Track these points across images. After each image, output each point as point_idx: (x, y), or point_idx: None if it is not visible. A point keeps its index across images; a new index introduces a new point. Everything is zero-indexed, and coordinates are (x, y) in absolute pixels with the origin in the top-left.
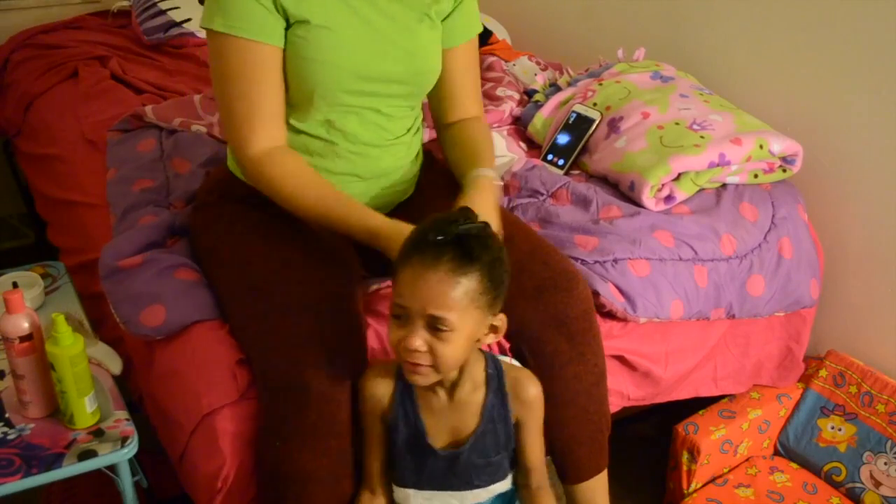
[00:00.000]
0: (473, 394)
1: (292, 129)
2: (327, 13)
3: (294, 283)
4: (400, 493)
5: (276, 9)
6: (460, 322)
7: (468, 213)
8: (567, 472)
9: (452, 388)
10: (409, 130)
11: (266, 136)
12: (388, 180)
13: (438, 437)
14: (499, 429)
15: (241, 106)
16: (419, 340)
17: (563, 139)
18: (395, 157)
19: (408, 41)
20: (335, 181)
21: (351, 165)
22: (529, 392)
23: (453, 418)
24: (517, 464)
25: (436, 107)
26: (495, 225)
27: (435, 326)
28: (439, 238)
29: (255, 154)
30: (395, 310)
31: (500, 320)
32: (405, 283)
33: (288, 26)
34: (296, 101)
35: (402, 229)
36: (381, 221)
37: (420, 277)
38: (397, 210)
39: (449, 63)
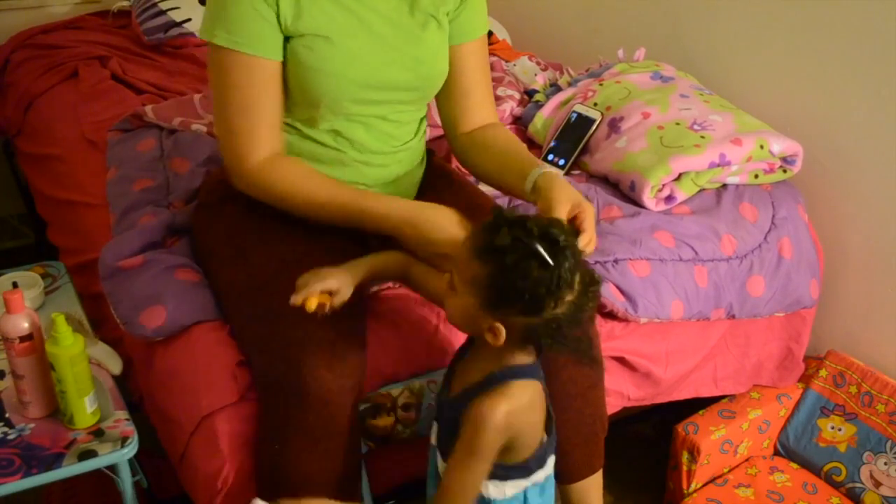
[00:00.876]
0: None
1: (300, 134)
2: (331, 24)
3: (294, 285)
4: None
5: (278, 22)
6: (459, 289)
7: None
8: (561, 472)
9: None
10: (415, 135)
11: (267, 147)
12: (395, 187)
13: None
14: None
15: (242, 120)
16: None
17: (577, 140)
18: (402, 163)
19: (414, 48)
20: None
21: (358, 174)
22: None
23: None
24: None
25: (448, 114)
26: (591, 218)
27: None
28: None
29: (256, 163)
30: None
31: (497, 329)
32: None
33: (287, 39)
34: (302, 109)
35: (442, 209)
36: (413, 203)
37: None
38: None
39: (458, 62)
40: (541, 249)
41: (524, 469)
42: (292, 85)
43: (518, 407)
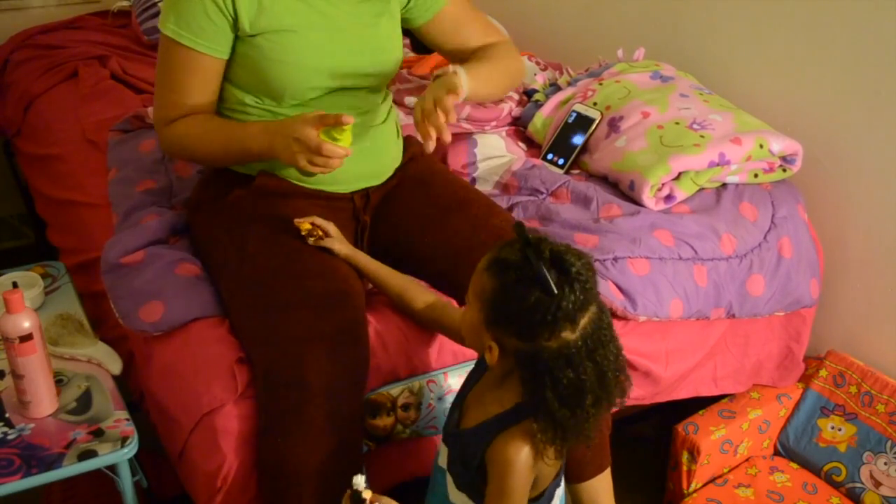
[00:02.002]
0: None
1: (270, 113)
2: (292, 17)
3: (295, 279)
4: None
5: (231, 25)
6: (470, 301)
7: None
8: (569, 471)
9: None
10: (384, 121)
11: (185, 110)
12: (373, 149)
13: None
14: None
15: (170, 95)
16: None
17: (577, 139)
18: (373, 141)
19: (371, 37)
20: None
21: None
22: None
23: None
24: None
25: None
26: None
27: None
28: (529, 246)
29: (169, 119)
30: None
31: (492, 347)
32: None
33: (248, 37)
34: (265, 94)
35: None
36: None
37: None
38: (382, 189)
39: (440, 27)
40: (546, 273)
41: (540, 499)
42: (255, 79)
43: (540, 443)
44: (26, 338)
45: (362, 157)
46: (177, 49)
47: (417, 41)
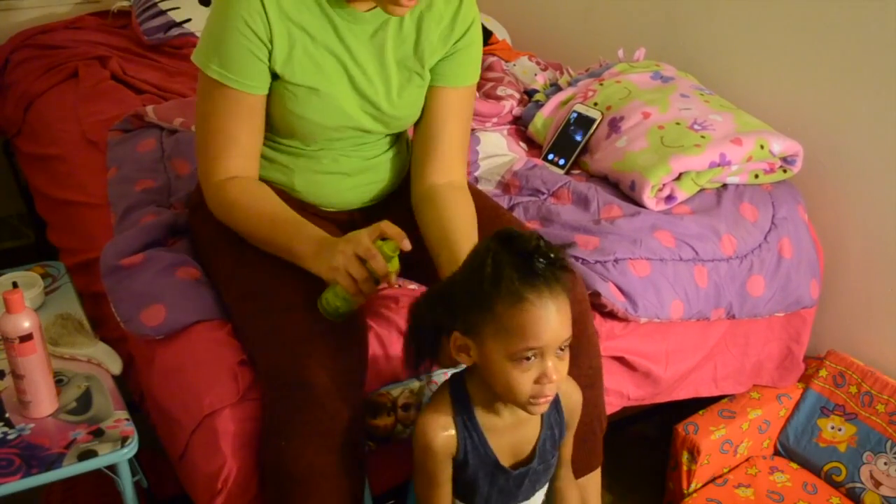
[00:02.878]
0: None
1: (275, 139)
2: (318, 74)
3: (295, 282)
4: None
5: (268, 57)
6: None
7: (536, 234)
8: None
9: None
10: (393, 146)
11: (234, 169)
12: (377, 173)
13: (504, 457)
14: (555, 433)
15: (217, 140)
16: (562, 366)
17: (577, 140)
18: (384, 155)
19: (396, 105)
20: (321, 180)
21: (336, 165)
22: (576, 394)
23: (516, 433)
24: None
25: (416, 157)
26: None
27: (561, 348)
28: (547, 263)
29: (219, 179)
30: (525, 353)
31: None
32: (534, 323)
33: (274, 76)
34: (277, 129)
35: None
36: (321, 234)
37: (551, 311)
38: (384, 206)
39: (434, 104)
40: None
41: None
42: (272, 113)
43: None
44: (26, 338)
45: (361, 186)
46: (224, 92)
47: None
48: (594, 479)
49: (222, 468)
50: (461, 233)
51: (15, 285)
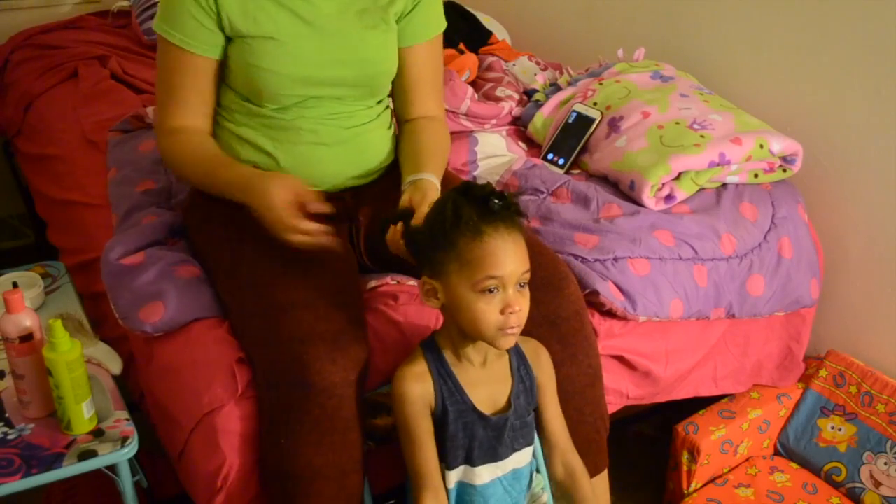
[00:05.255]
0: (500, 357)
1: (250, 113)
2: (274, 24)
3: (294, 279)
4: (452, 475)
5: (219, 25)
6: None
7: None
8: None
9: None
10: (375, 118)
11: (182, 118)
12: (358, 145)
13: (483, 406)
14: (527, 387)
15: (168, 95)
16: (523, 300)
17: (577, 139)
18: (363, 126)
19: (361, 49)
20: (303, 151)
21: (315, 136)
22: (544, 354)
23: (489, 385)
24: (544, 449)
25: (396, 102)
26: None
27: (521, 284)
28: (501, 204)
29: (167, 128)
30: (487, 283)
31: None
32: (493, 254)
33: (230, 39)
34: (248, 95)
35: (277, 180)
36: (250, 170)
37: (508, 243)
38: (374, 186)
39: (406, 60)
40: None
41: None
42: (239, 80)
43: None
44: (26, 338)
45: (344, 158)
46: (169, 48)
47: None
48: (602, 481)
49: (222, 466)
50: (427, 152)
51: (15, 285)
